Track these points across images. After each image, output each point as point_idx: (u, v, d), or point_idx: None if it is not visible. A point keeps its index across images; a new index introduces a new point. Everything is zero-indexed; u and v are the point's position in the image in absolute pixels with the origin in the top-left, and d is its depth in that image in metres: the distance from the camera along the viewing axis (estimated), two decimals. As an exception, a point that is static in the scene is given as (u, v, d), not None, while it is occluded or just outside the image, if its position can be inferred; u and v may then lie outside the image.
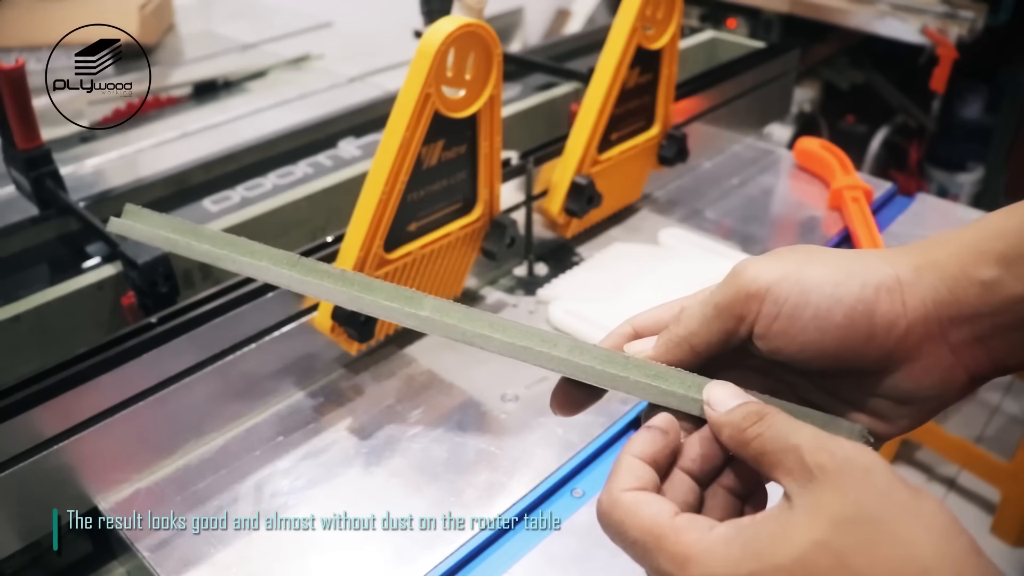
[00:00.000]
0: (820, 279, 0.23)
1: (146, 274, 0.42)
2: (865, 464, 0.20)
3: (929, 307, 0.22)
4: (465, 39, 0.42)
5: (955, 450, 1.24)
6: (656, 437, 0.23)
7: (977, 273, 0.22)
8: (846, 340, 0.23)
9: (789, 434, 0.21)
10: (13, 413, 0.35)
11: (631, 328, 0.27)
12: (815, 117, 1.75)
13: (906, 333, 0.22)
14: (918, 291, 0.22)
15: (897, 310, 0.22)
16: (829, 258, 0.23)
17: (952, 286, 0.22)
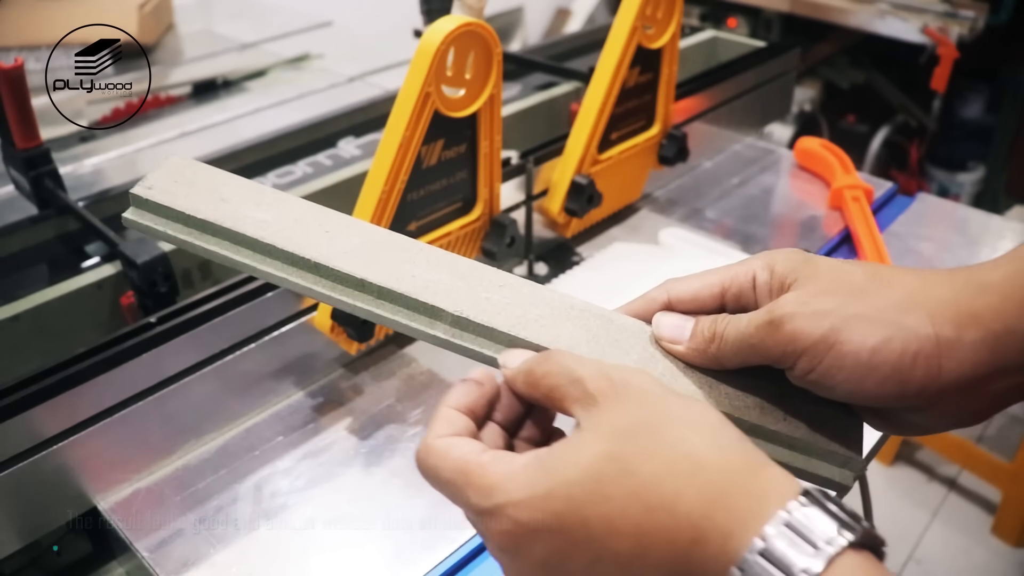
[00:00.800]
0: (859, 344, 0.23)
1: (145, 274, 0.42)
2: (640, 384, 0.22)
3: (967, 368, 0.23)
4: (465, 38, 0.42)
5: (956, 450, 1.24)
6: (471, 388, 0.25)
7: (1021, 327, 0.22)
8: (877, 398, 0.24)
9: (574, 368, 0.23)
10: (12, 413, 0.35)
11: (667, 296, 0.28)
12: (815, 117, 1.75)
13: (939, 393, 0.23)
14: (958, 353, 0.23)
15: (932, 374, 0.23)
16: (870, 311, 0.23)
17: (994, 344, 0.23)
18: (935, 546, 1.21)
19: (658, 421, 0.21)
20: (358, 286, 0.26)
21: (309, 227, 0.27)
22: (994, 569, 1.17)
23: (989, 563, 1.18)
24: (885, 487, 1.31)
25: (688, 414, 0.22)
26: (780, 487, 0.20)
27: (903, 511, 1.27)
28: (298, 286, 0.26)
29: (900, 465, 1.34)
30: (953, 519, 1.25)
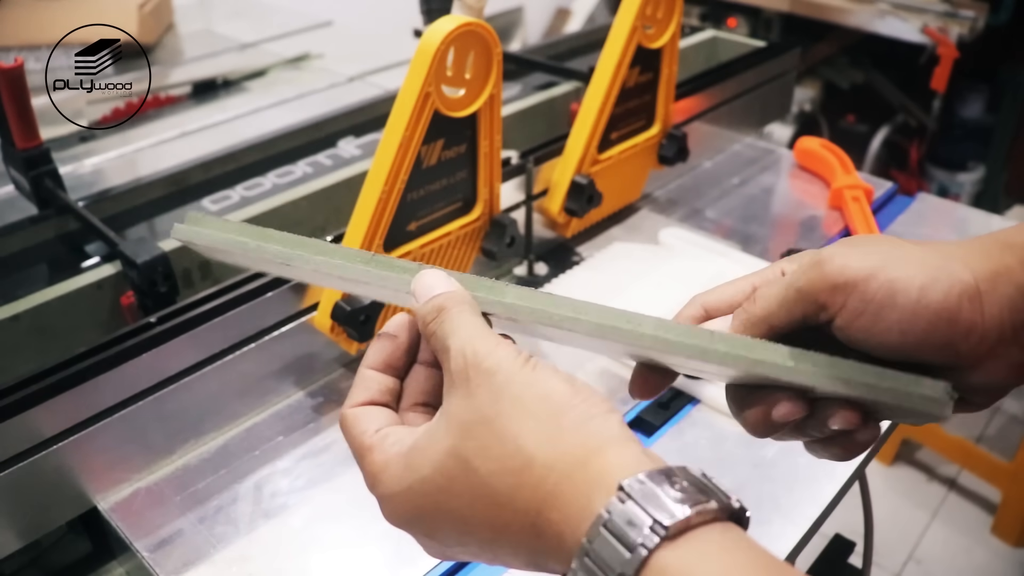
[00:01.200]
0: (907, 281, 0.23)
1: (145, 274, 0.42)
2: (489, 366, 0.21)
3: (1005, 315, 0.23)
4: (465, 38, 0.42)
5: (956, 450, 1.24)
6: (385, 344, 0.25)
7: None
8: (925, 342, 0.23)
9: (448, 335, 0.22)
10: (12, 413, 0.35)
11: (702, 309, 0.27)
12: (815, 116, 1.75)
13: (982, 339, 0.23)
14: (995, 300, 0.23)
15: (976, 318, 0.23)
16: (913, 256, 0.23)
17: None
18: (935, 546, 1.21)
19: (495, 413, 0.21)
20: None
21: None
22: (994, 569, 1.17)
23: (989, 563, 1.18)
24: (885, 487, 1.31)
25: (529, 396, 0.21)
26: (608, 480, 0.20)
27: (903, 511, 1.27)
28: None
29: (900, 465, 1.34)
30: (953, 519, 1.25)
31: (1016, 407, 1.47)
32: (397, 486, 0.23)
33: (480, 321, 0.23)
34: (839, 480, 0.39)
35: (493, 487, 0.21)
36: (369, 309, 0.43)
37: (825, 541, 0.63)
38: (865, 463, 0.42)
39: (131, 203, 0.55)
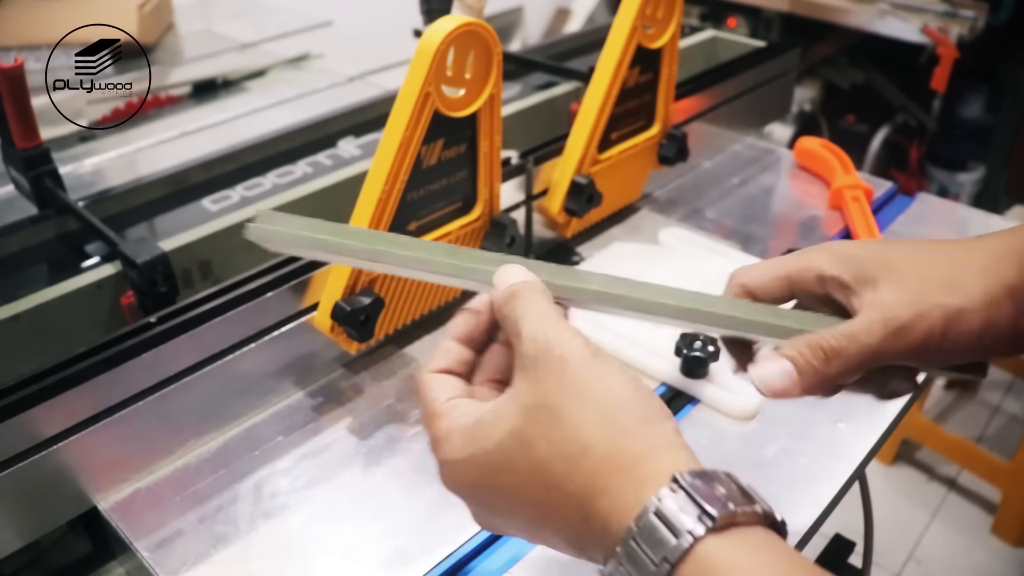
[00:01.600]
0: (966, 334, 0.27)
1: (145, 273, 0.42)
2: (561, 354, 0.23)
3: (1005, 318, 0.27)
4: (465, 38, 0.42)
5: (956, 450, 1.24)
6: (468, 318, 0.27)
7: None
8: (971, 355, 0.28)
9: (519, 319, 0.24)
10: (12, 413, 0.35)
11: (742, 289, 0.30)
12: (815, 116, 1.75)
13: (1015, 342, 0.27)
14: (995, 312, 0.27)
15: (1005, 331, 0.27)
16: (966, 301, 0.27)
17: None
18: (935, 546, 1.21)
19: (560, 401, 0.22)
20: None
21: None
22: (994, 569, 1.17)
23: (989, 563, 1.18)
24: (885, 487, 1.31)
25: (595, 390, 0.23)
26: (660, 477, 0.21)
27: (903, 511, 1.27)
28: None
29: (900, 465, 1.34)
30: (953, 519, 1.25)
31: (1016, 407, 1.47)
32: (458, 455, 0.24)
33: (552, 308, 0.25)
34: (839, 480, 0.39)
35: (549, 470, 0.22)
36: (369, 309, 0.43)
37: (825, 541, 0.63)
38: (865, 463, 0.42)
39: (131, 203, 0.55)
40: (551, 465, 0.22)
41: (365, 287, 0.44)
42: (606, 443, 0.22)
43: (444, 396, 0.25)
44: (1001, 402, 1.46)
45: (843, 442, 0.42)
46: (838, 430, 0.42)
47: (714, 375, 0.45)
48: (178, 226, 0.50)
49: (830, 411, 0.44)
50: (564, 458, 0.22)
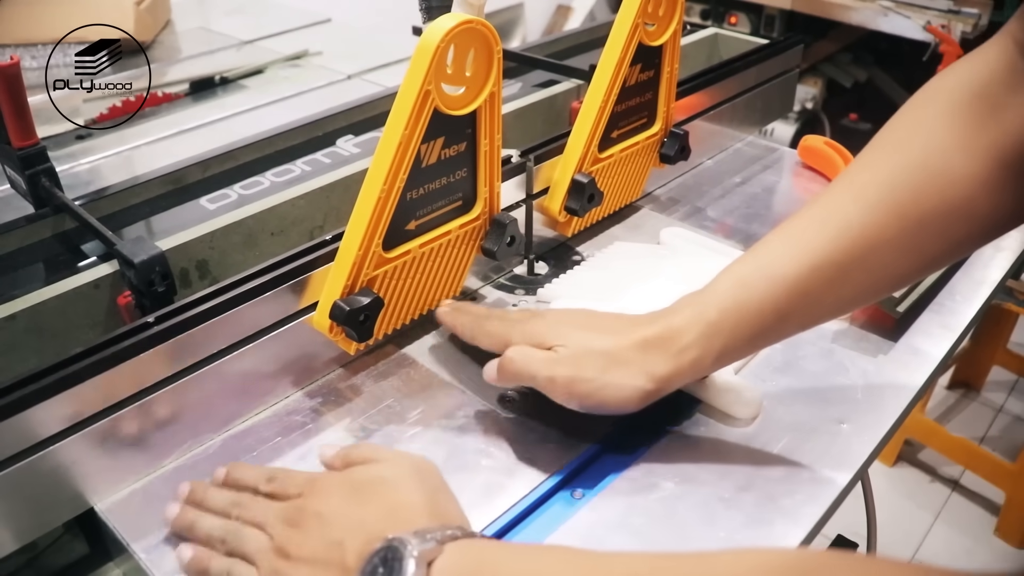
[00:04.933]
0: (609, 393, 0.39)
1: (142, 273, 0.42)
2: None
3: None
4: (465, 36, 0.41)
5: (959, 451, 1.23)
6: None
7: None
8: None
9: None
10: (9, 413, 0.34)
11: None
12: (818, 114, 1.74)
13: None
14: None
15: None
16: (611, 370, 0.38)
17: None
18: (938, 547, 1.20)
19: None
20: None
21: None
22: (997, 570, 1.17)
23: (992, 564, 1.17)
24: (888, 488, 1.30)
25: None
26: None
27: (906, 512, 1.27)
28: None
29: (903, 466, 1.34)
30: (956, 520, 1.25)
31: (1019, 407, 1.47)
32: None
33: None
34: (841, 481, 0.39)
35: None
36: (368, 309, 0.43)
37: (827, 542, 0.63)
38: (868, 463, 0.41)
39: (128, 202, 0.54)
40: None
41: (364, 287, 0.44)
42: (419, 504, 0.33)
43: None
44: (1004, 402, 1.45)
45: (845, 443, 0.41)
46: (840, 431, 0.42)
47: (714, 375, 0.45)
48: (176, 225, 0.49)
49: (832, 412, 0.43)
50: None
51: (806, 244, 0.37)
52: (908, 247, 0.36)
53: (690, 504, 0.38)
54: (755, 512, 0.37)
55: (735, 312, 0.37)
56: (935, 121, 0.37)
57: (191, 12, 1.03)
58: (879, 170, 0.37)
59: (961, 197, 0.36)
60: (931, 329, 0.49)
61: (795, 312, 0.37)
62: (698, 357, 0.37)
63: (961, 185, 0.36)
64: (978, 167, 0.35)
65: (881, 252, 0.36)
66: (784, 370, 0.47)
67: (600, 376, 0.37)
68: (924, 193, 0.36)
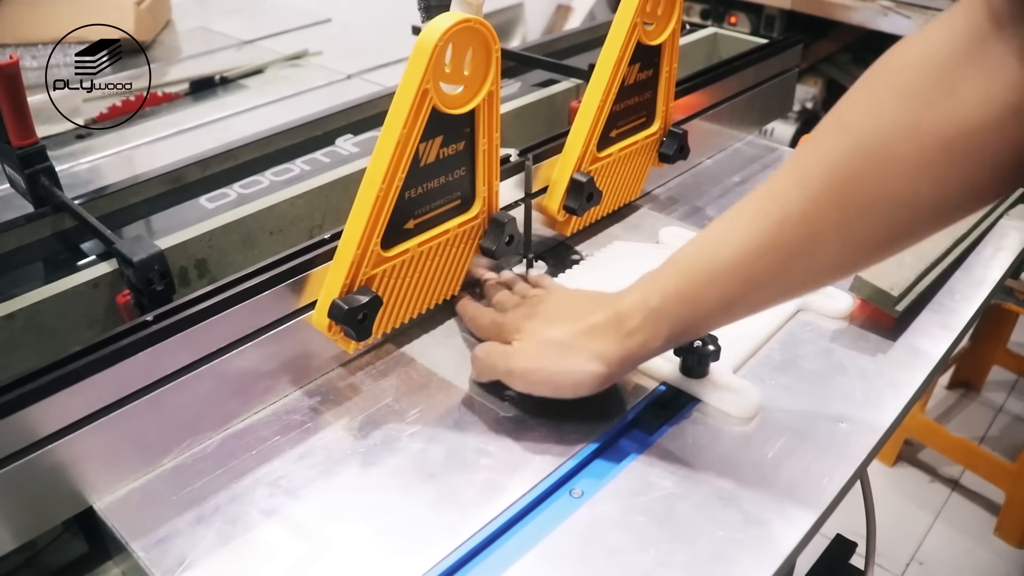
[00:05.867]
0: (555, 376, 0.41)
1: (141, 272, 0.42)
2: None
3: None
4: (463, 35, 0.41)
5: (959, 450, 1.23)
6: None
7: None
8: None
9: None
10: (7, 412, 0.34)
11: None
12: (817, 114, 1.74)
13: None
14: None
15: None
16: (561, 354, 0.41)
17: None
18: (938, 547, 1.20)
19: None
20: None
21: None
22: (997, 570, 1.17)
23: (992, 564, 1.17)
24: (888, 488, 1.30)
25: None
26: None
27: (906, 512, 1.27)
28: None
29: (903, 466, 1.34)
30: (956, 520, 1.25)
31: (1019, 407, 1.47)
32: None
33: None
34: (840, 480, 0.39)
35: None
36: (367, 307, 0.43)
37: (826, 542, 0.63)
38: (867, 463, 0.41)
39: (128, 201, 0.54)
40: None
41: (363, 286, 0.44)
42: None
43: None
44: (1004, 402, 1.45)
45: (844, 442, 0.41)
46: (839, 430, 0.42)
47: (714, 375, 0.45)
48: (175, 224, 0.49)
49: (831, 411, 0.43)
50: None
51: (748, 230, 0.36)
52: (849, 236, 0.35)
53: (689, 503, 0.38)
54: (754, 511, 0.37)
55: (676, 299, 0.38)
56: (882, 99, 0.34)
57: (191, 12, 1.03)
58: (822, 154, 0.35)
59: (903, 184, 0.33)
60: (930, 328, 0.49)
61: (740, 298, 0.37)
62: (645, 340, 0.39)
63: (903, 170, 0.33)
64: (922, 151, 0.32)
65: (823, 240, 0.35)
66: (783, 369, 0.47)
67: (553, 364, 0.39)
68: (865, 179, 0.33)
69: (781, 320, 0.50)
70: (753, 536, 0.36)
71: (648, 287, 0.39)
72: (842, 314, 0.51)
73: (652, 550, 0.35)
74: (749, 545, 0.36)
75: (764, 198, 0.37)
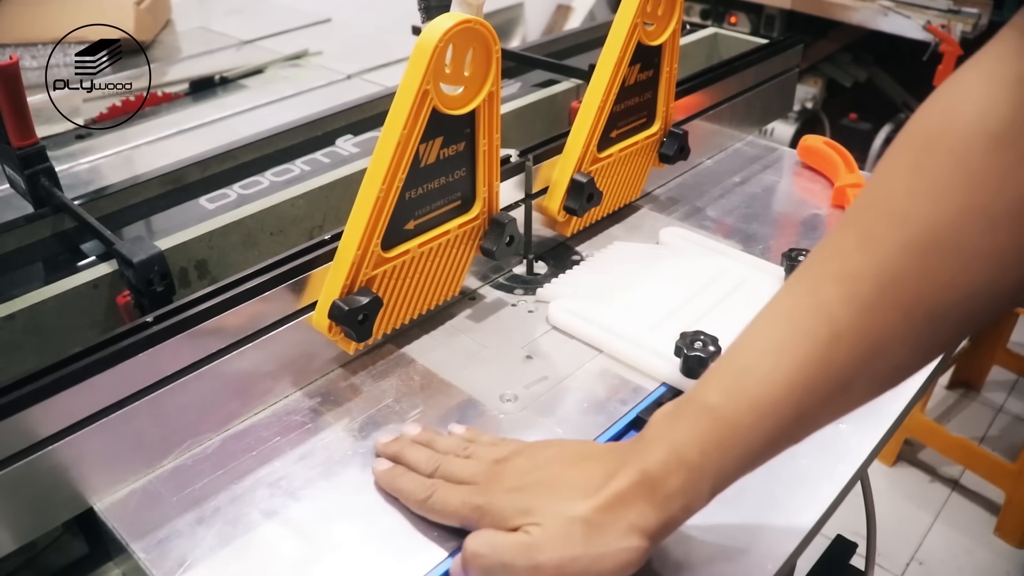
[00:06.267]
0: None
1: (142, 273, 0.42)
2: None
3: None
4: (464, 35, 0.41)
5: (959, 450, 1.23)
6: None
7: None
8: None
9: None
10: (7, 413, 0.34)
11: None
12: (818, 114, 1.74)
13: None
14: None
15: None
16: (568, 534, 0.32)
17: None
18: (938, 547, 1.20)
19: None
20: None
21: None
22: (997, 570, 1.17)
23: (992, 564, 1.17)
24: (888, 488, 1.30)
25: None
26: None
27: (906, 512, 1.27)
28: None
29: (903, 465, 1.34)
30: (956, 520, 1.25)
31: (1019, 407, 1.47)
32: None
33: None
34: (841, 481, 0.39)
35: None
36: (367, 308, 0.43)
37: (827, 542, 0.63)
38: (867, 463, 0.41)
39: (127, 201, 0.54)
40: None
41: (363, 286, 0.44)
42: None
43: None
44: (1004, 402, 1.45)
45: (845, 442, 0.41)
46: (839, 430, 0.42)
47: (715, 375, 0.44)
48: (175, 225, 0.49)
49: (832, 411, 0.43)
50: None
51: (794, 360, 0.30)
52: (918, 340, 0.29)
53: (689, 504, 0.38)
54: (754, 512, 0.37)
55: (718, 451, 0.31)
56: (942, 179, 0.28)
57: (191, 12, 1.03)
58: (874, 255, 0.29)
59: (981, 278, 0.28)
60: (930, 329, 0.49)
61: (790, 434, 0.31)
62: (687, 504, 0.31)
63: (980, 263, 0.28)
64: (1000, 237, 0.27)
65: (886, 355, 0.29)
66: (783, 370, 0.46)
67: (589, 549, 0.31)
68: (934, 281, 0.28)
69: (781, 321, 0.50)
70: (753, 536, 0.36)
71: (678, 438, 0.31)
72: (842, 315, 0.51)
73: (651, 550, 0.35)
74: (749, 545, 0.36)
75: (807, 314, 0.30)
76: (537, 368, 0.46)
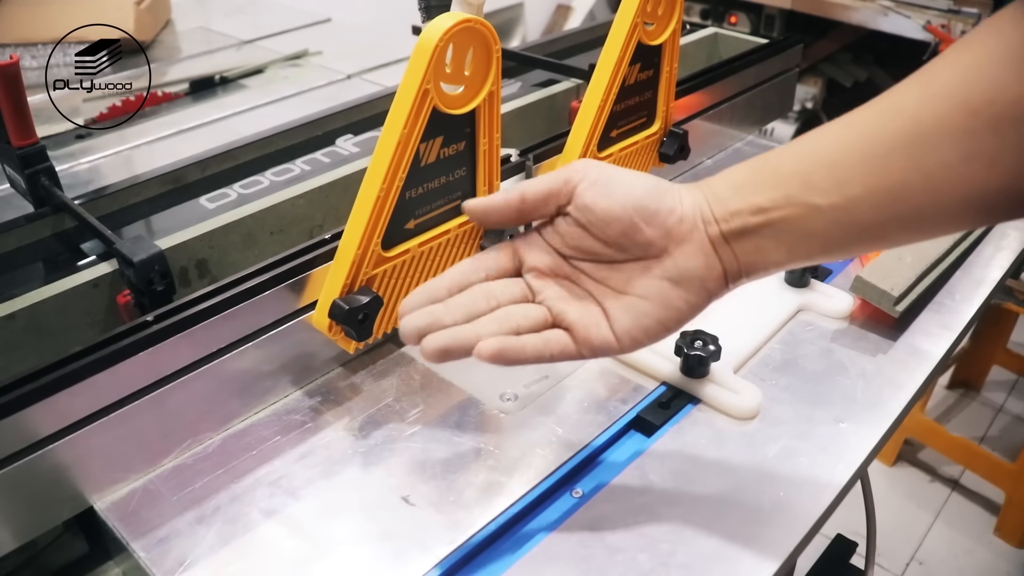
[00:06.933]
0: (624, 173, 0.35)
1: (142, 272, 0.42)
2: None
3: (694, 209, 0.33)
4: (464, 35, 0.41)
5: (959, 450, 1.23)
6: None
7: (723, 192, 0.33)
8: (639, 211, 0.33)
9: None
10: (8, 412, 0.34)
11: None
12: (817, 114, 1.74)
13: (680, 219, 0.33)
14: (689, 197, 0.34)
15: (676, 201, 0.33)
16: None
17: (708, 195, 0.34)
18: (938, 547, 1.20)
19: None
20: None
21: None
22: (997, 570, 1.17)
23: (992, 564, 1.17)
24: (888, 488, 1.30)
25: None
26: None
27: (906, 512, 1.27)
28: None
29: (903, 465, 1.34)
30: (956, 520, 1.25)
31: (1019, 407, 1.47)
32: None
33: None
34: (841, 480, 0.39)
35: None
36: (367, 308, 0.43)
37: (827, 542, 0.63)
38: (867, 463, 0.41)
39: (128, 201, 0.54)
40: None
41: (363, 286, 0.44)
42: None
43: None
44: (1004, 402, 1.45)
45: (844, 442, 0.41)
46: (839, 430, 0.42)
47: (714, 375, 0.45)
48: (175, 224, 0.49)
49: (831, 411, 0.43)
50: None
51: (874, 126, 0.31)
52: (976, 151, 0.28)
53: (689, 503, 0.38)
54: (754, 511, 0.37)
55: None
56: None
57: (191, 12, 1.03)
58: (954, 61, 0.30)
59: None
60: (930, 328, 0.49)
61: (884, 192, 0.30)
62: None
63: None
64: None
65: (938, 146, 0.29)
66: (783, 369, 0.47)
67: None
68: (1007, 90, 0.27)
69: (781, 320, 0.50)
70: (753, 536, 0.36)
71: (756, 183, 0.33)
72: (842, 314, 0.51)
73: (652, 550, 0.35)
74: (749, 545, 0.36)
75: (877, 102, 0.32)
76: (537, 367, 0.46)
